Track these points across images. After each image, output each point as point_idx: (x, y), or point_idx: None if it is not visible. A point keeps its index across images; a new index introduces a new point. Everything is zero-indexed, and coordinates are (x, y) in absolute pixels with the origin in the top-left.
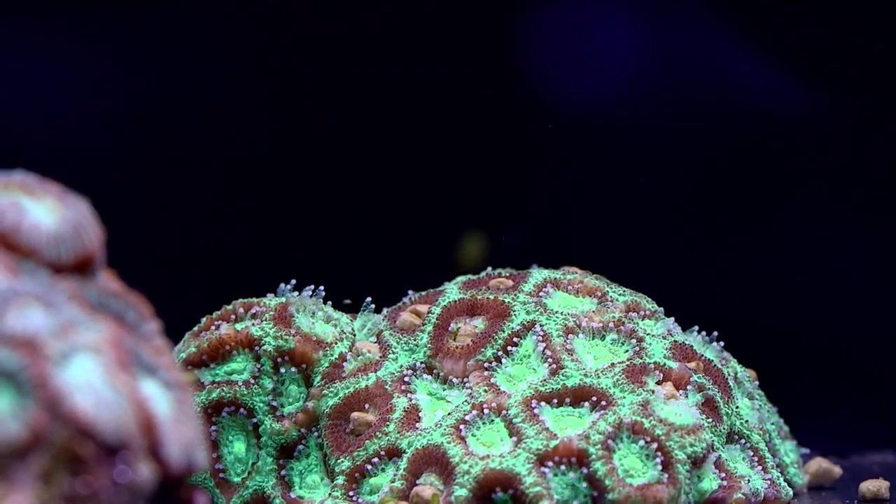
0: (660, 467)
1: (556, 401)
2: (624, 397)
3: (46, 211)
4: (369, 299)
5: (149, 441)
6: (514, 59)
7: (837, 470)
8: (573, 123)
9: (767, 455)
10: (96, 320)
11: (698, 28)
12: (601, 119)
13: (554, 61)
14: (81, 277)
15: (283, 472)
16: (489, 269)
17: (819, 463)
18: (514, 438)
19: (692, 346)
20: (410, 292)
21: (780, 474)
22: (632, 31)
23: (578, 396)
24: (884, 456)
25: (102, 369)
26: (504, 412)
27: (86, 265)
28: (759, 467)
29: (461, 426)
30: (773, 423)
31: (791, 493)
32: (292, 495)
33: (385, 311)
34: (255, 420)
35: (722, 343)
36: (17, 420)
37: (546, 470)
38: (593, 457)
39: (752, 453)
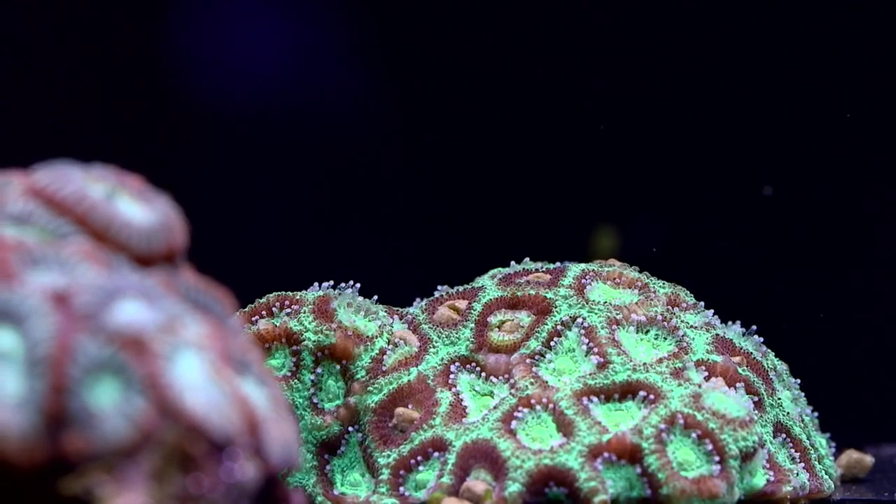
0: (715, 460)
1: (603, 396)
2: (672, 391)
3: (135, 204)
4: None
5: (253, 439)
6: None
7: (869, 459)
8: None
9: (809, 447)
10: (195, 315)
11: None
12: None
13: (195, 55)
14: (170, 271)
15: (326, 469)
16: (527, 260)
17: (849, 455)
18: (565, 433)
19: (732, 340)
20: (446, 286)
21: (821, 467)
22: (268, 25)
23: (626, 391)
24: None
25: (208, 366)
26: (552, 406)
27: (172, 259)
28: (802, 460)
29: (510, 420)
30: (808, 416)
31: (832, 485)
32: (335, 492)
33: (420, 303)
34: None
35: (753, 327)
36: (125, 419)
37: (599, 464)
38: (647, 451)
39: (794, 446)
